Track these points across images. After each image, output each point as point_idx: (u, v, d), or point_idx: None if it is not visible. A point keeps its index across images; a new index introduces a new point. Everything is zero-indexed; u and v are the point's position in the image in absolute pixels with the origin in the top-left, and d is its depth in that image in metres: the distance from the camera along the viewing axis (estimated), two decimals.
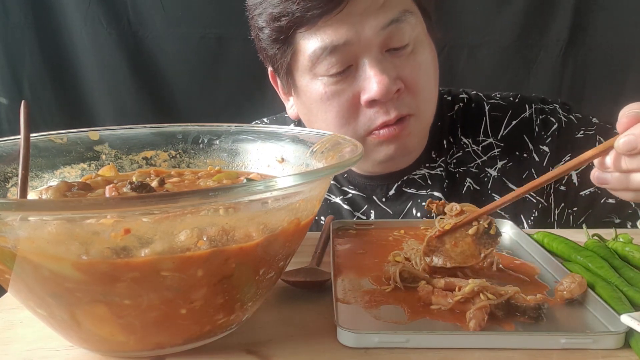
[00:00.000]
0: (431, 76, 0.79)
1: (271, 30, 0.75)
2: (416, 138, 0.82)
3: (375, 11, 0.71)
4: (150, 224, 0.36)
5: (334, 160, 0.51)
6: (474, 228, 0.54)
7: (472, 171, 0.88)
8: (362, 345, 0.43)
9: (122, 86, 1.58)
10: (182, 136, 0.63)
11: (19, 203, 0.37)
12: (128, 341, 0.41)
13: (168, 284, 0.37)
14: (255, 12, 0.76)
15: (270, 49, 0.77)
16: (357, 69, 0.74)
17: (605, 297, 0.49)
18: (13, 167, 0.52)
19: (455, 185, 0.87)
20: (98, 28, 1.53)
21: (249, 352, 0.44)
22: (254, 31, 0.80)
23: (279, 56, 0.77)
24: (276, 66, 0.80)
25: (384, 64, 0.73)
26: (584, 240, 0.63)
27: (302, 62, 0.75)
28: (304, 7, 0.69)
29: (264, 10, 0.74)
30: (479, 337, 0.44)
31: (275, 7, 0.72)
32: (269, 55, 0.79)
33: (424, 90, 0.77)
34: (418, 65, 0.76)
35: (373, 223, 0.72)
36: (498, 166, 0.87)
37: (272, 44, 0.76)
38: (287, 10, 0.71)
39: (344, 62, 0.73)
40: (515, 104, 0.90)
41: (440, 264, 0.54)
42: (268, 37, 0.76)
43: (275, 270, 0.45)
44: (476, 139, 0.89)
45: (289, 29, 0.73)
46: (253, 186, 0.36)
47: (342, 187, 0.90)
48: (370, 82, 0.72)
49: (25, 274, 0.38)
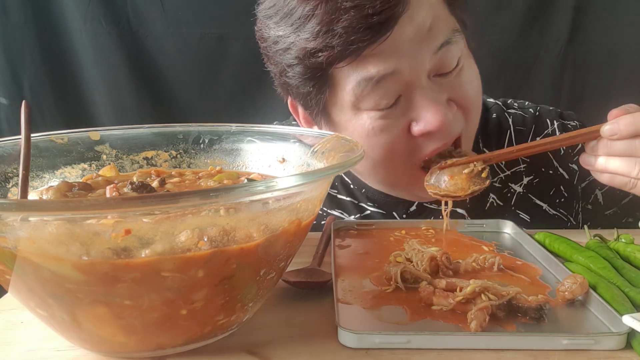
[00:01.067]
0: (478, 89, 0.74)
1: (305, 68, 0.66)
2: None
3: (424, 35, 0.65)
4: (150, 225, 0.36)
5: (335, 161, 0.51)
6: (470, 168, 0.67)
7: (495, 186, 0.85)
8: (363, 346, 0.43)
9: (122, 86, 1.57)
10: (182, 136, 0.63)
11: (19, 203, 0.37)
12: (129, 342, 0.41)
13: (169, 284, 0.37)
14: (279, 46, 0.67)
15: (303, 87, 0.69)
16: (406, 99, 0.67)
17: (607, 297, 0.49)
18: (14, 168, 0.52)
19: (479, 200, 0.84)
20: (98, 28, 1.52)
21: (250, 352, 0.43)
22: (275, 66, 0.71)
23: (313, 94, 0.69)
24: (309, 104, 0.71)
25: (435, 90, 0.67)
26: (586, 240, 0.63)
27: (342, 97, 0.68)
28: (346, 40, 0.61)
29: (293, 45, 0.65)
30: (481, 338, 0.44)
31: (309, 41, 0.63)
32: (300, 93, 0.70)
33: (473, 106, 0.73)
34: (466, 82, 0.71)
35: (374, 223, 0.72)
36: (524, 182, 0.85)
37: (306, 82, 0.68)
38: (326, 44, 0.62)
39: (393, 93, 0.66)
40: (536, 118, 0.88)
41: (435, 185, 0.68)
42: (300, 74, 0.67)
43: (276, 271, 0.45)
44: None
45: (329, 65, 0.65)
46: (254, 186, 0.36)
47: (360, 203, 0.85)
48: (424, 113, 0.66)
49: (26, 275, 0.38)
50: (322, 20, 0.62)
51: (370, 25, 0.61)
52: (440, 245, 0.60)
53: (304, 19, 0.64)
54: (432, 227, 0.71)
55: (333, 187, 0.86)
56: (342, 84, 0.67)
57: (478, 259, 0.58)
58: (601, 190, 0.89)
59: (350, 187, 0.86)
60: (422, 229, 0.70)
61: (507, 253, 0.62)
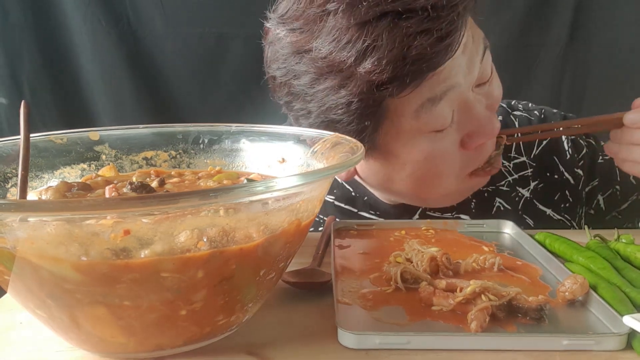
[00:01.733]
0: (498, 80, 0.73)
1: (364, 103, 0.60)
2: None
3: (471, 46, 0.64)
4: (150, 225, 0.36)
5: (335, 161, 0.51)
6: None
7: (503, 190, 0.84)
8: (363, 347, 0.43)
9: (122, 86, 1.57)
10: (182, 136, 0.63)
11: (18, 204, 0.36)
12: (128, 342, 0.41)
13: (168, 285, 0.37)
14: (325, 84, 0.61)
15: (358, 124, 0.62)
16: (458, 114, 0.65)
17: (608, 298, 0.48)
18: (13, 168, 0.52)
19: (484, 205, 0.84)
20: (97, 28, 1.52)
21: (250, 353, 0.43)
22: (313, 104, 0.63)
23: (369, 130, 0.63)
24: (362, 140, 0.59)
25: (479, 101, 0.66)
26: (586, 240, 0.63)
27: (399, 124, 0.63)
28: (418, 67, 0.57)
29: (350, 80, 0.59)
30: (481, 339, 0.43)
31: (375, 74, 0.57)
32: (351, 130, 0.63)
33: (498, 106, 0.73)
34: (496, 87, 0.70)
35: (374, 224, 0.72)
36: (531, 187, 0.85)
37: (362, 119, 0.62)
38: (395, 74, 0.57)
39: (450, 110, 0.64)
40: (542, 121, 0.87)
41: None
42: (356, 111, 0.61)
43: (276, 271, 0.45)
44: (508, 155, 0.85)
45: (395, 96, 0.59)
46: (253, 187, 0.36)
47: (360, 212, 0.83)
48: (478, 126, 0.65)
49: (25, 275, 0.37)
50: (389, 50, 0.56)
51: (440, 48, 0.57)
52: (440, 246, 0.60)
53: (366, 50, 0.57)
54: (432, 227, 0.70)
55: (331, 194, 0.85)
56: (399, 111, 0.63)
57: (478, 259, 0.58)
58: (603, 195, 0.89)
59: (350, 195, 0.84)
60: (422, 229, 0.70)
61: (507, 253, 0.62)
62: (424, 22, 0.56)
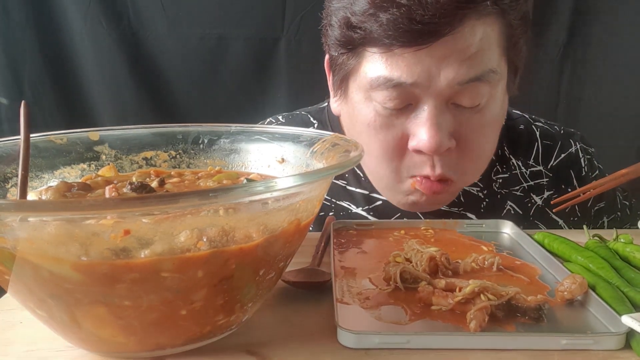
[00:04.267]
0: (490, 137, 0.73)
1: (340, 35, 0.68)
2: (452, 198, 0.79)
3: (458, 61, 0.63)
4: (150, 225, 0.36)
5: (335, 161, 0.51)
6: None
7: (517, 194, 0.85)
8: (362, 346, 0.43)
9: (122, 86, 1.58)
10: (182, 136, 0.63)
11: (18, 204, 0.37)
12: (128, 342, 0.41)
13: (168, 285, 0.37)
14: (334, 3, 0.68)
15: (334, 51, 0.71)
16: (415, 109, 0.67)
17: (606, 297, 0.49)
18: (13, 168, 0.52)
19: (495, 206, 0.85)
20: (98, 28, 1.52)
21: (249, 352, 0.43)
22: (325, 18, 0.72)
23: (339, 61, 0.71)
24: (334, 67, 0.73)
25: (443, 117, 0.66)
26: (585, 240, 0.63)
27: (361, 79, 0.68)
28: (385, 31, 0.61)
29: (341, 9, 0.66)
30: (480, 338, 0.44)
31: (354, 14, 0.64)
32: (331, 55, 0.73)
33: (476, 152, 0.71)
34: (480, 125, 0.69)
35: (373, 223, 0.72)
36: (544, 196, 0.86)
37: (337, 48, 0.70)
38: (366, 25, 0.63)
39: (404, 100, 0.66)
40: (561, 136, 0.89)
41: None
42: (335, 39, 0.69)
43: (276, 271, 0.45)
44: (527, 163, 0.87)
45: (361, 45, 0.66)
46: (253, 187, 0.36)
47: (372, 194, 0.84)
48: (422, 132, 0.66)
49: (25, 275, 0.38)
50: (373, 2, 0.62)
51: (411, 29, 0.60)
52: (439, 246, 0.60)
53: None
54: (431, 227, 0.71)
55: (343, 179, 0.87)
56: (365, 68, 0.67)
57: (477, 259, 0.58)
58: (608, 218, 0.92)
59: (361, 179, 0.86)
60: (422, 229, 0.70)
61: (507, 253, 0.62)
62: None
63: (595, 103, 1.63)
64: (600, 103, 1.63)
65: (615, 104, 1.63)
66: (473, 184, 0.83)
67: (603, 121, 1.63)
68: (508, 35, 0.67)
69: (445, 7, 0.59)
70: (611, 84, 1.61)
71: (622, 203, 0.95)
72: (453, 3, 0.60)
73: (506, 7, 0.64)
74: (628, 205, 0.96)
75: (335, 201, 0.86)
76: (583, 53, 1.60)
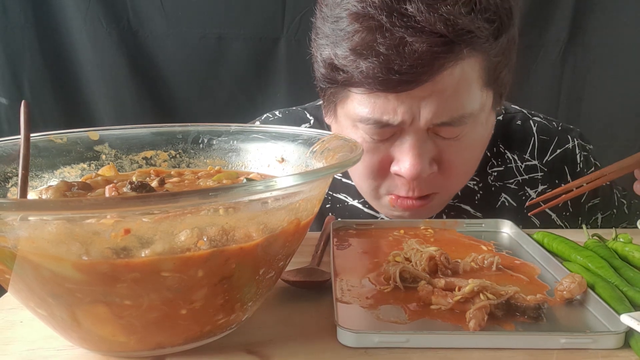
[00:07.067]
0: (473, 157, 0.75)
1: (326, 73, 0.69)
2: (437, 208, 0.80)
3: (437, 102, 0.64)
4: (150, 224, 0.36)
5: (334, 160, 0.51)
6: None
7: (511, 187, 0.86)
8: (362, 345, 0.43)
9: (122, 86, 1.58)
10: (182, 136, 0.63)
11: (19, 203, 0.37)
12: (128, 341, 0.41)
13: (168, 284, 0.37)
14: (319, 39, 0.69)
15: (322, 83, 0.72)
16: (399, 137, 0.69)
17: (605, 297, 0.49)
18: (13, 167, 0.52)
19: (490, 198, 0.86)
20: (98, 28, 1.53)
21: (249, 352, 0.44)
22: (312, 49, 0.73)
23: (327, 92, 0.73)
24: (322, 95, 0.75)
25: (425, 145, 0.68)
26: (584, 240, 0.63)
27: (348, 110, 0.70)
28: (365, 78, 0.63)
29: (326, 49, 0.67)
30: (479, 337, 0.44)
31: (337, 57, 0.65)
32: (319, 85, 0.74)
33: (458, 173, 0.74)
34: (460, 150, 0.71)
35: (373, 223, 0.72)
36: (538, 190, 0.87)
37: (324, 81, 0.71)
38: (348, 69, 0.64)
39: (388, 133, 0.68)
40: (559, 132, 0.89)
41: None
42: (321, 74, 0.70)
43: (275, 270, 0.45)
44: (523, 157, 0.88)
45: (344, 85, 0.67)
46: (253, 186, 0.36)
47: None
48: (404, 159, 0.68)
49: (26, 274, 0.38)
50: (354, 48, 0.63)
51: (389, 79, 0.62)
52: (439, 245, 0.60)
53: (344, 35, 0.64)
54: (430, 226, 0.71)
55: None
56: (352, 104, 0.69)
57: (477, 258, 0.58)
58: (603, 214, 0.93)
59: None
60: (421, 229, 0.70)
61: (506, 252, 0.62)
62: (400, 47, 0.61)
63: (596, 103, 1.64)
64: (600, 103, 1.63)
65: (616, 104, 1.63)
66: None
67: (603, 121, 1.64)
68: (490, 69, 0.67)
69: (423, 57, 0.60)
70: (611, 84, 1.61)
71: (620, 201, 0.96)
72: (431, 53, 0.60)
73: (485, 48, 0.65)
74: (626, 204, 0.97)
75: (332, 193, 0.88)
76: (583, 53, 1.60)
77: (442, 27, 0.59)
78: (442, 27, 0.59)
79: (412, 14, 0.60)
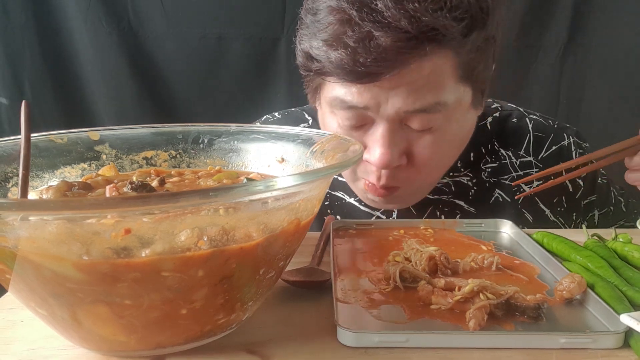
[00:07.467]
0: (445, 154, 0.76)
1: (303, 62, 0.72)
2: (410, 199, 0.82)
3: (406, 93, 0.66)
4: (150, 224, 0.36)
5: (334, 160, 0.51)
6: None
7: (505, 183, 0.87)
8: (362, 345, 0.44)
9: (123, 86, 1.58)
10: (182, 136, 0.63)
11: (19, 203, 0.37)
12: (129, 341, 0.41)
13: (169, 284, 0.38)
14: (302, 30, 0.71)
15: (302, 70, 0.75)
16: (372, 126, 0.71)
17: (605, 296, 0.49)
18: (14, 167, 0.52)
19: (484, 194, 0.87)
20: (98, 28, 1.53)
21: (249, 351, 0.44)
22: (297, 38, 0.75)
23: (307, 78, 0.76)
24: (305, 82, 0.79)
25: (395, 136, 0.69)
26: (584, 240, 0.63)
27: (325, 95, 0.73)
28: (334, 68, 0.66)
29: (305, 39, 0.70)
30: (479, 337, 0.44)
31: (312, 48, 0.68)
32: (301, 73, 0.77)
33: (428, 167, 0.74)
34: (432, 144, 0.71)
35: (373, 223, 0.72)
36: (533, 186, 0.87)
37: (303, 69, 0.74)
38: (321, 58, 0.67)
39: (359, 120, 0.70)
40: (555, 129, 0.90)
41: None
42: (300, 63, 0.74)
43: (276, 270, 0.45)
44: (517, 153, 0.88)
45: (318, 74, 0.71)
46: (253, 186, 0.36)
47: None
48: (375, 147, 0.70)
49: (26, 274, 0.38)
50: (326, 39, 0.66)
51: (355, 70, 0.64)
52: (438, 245, 0.60)
53: (320, 27, 0.67)
54: (430, 226, 0.71)
55: None
56: (325, 90, 0.73)
57: (476, 258, 0.58)
58: (600, 211, 0.93)
59: None
60: (421, 229, 0.70)
61: (506, 252, 0.62)
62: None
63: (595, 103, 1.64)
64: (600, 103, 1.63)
65: (615, 104, 1.63)
66: (462, 172, 0.87)
67: (603, 121, 1.64)
68: (464, 65, 0.68)
69: (387, 52, 0.62)
70: (611, 84, 1.61)
71: (617, 199, 0.96)
72: (395, 48, 0.62)
73: (452, 45, 0.65)
74: (624, 202, 0.97)
75: (330, 191, 0.90)
76: (583, 53, 1.60)
77: (406, 23, 0.61)
78: (406, 24, 0.61)
79: (381, 9, 0.61)
